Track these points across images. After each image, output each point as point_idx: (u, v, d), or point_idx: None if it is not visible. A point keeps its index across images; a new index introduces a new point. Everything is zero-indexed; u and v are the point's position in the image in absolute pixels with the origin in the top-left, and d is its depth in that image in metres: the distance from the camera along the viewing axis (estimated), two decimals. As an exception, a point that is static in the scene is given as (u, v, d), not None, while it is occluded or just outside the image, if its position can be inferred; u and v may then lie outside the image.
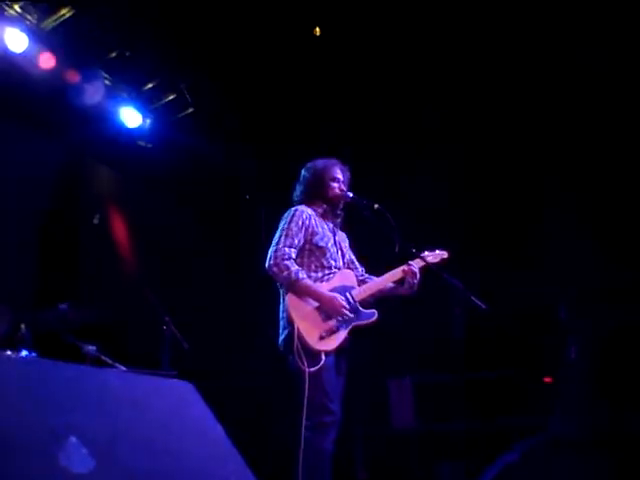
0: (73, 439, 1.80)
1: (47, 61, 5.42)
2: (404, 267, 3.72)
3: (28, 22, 5.29)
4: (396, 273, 3.76)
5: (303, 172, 3.94)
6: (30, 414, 1.88)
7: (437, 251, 3.90)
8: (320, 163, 3.91)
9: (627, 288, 4.81)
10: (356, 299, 3.67)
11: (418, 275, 3.71)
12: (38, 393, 1.93)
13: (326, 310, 3.54)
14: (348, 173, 3.94)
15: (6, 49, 5.10)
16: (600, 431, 3.72)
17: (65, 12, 5.34)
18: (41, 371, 2.04)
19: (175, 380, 2.37)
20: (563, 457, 3.72)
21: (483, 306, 3.57)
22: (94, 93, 5.77)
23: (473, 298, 3.60)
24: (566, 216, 5.35)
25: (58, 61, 5.46)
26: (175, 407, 2.13)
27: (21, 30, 5.17)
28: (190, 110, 6.24)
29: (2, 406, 1.84)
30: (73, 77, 5.66)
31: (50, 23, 5.39)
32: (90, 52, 5.64)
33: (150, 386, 2.16)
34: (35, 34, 5.29)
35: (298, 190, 3.92)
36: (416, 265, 3.72)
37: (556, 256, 5.18)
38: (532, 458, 3.88)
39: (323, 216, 3.86)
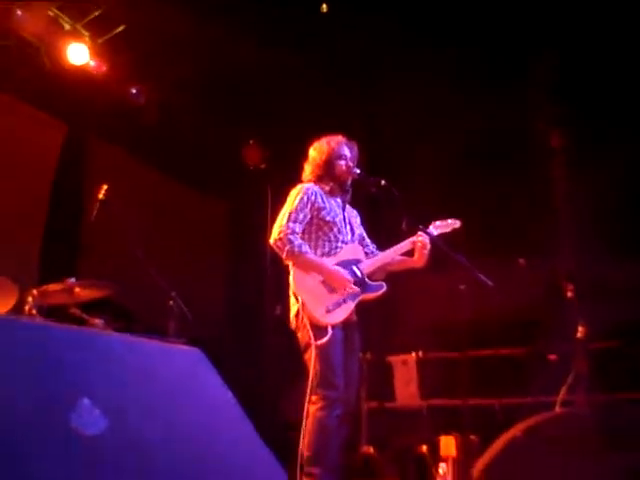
0: (86, 400, 1.83)
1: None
2: (413, 238, 3.73)
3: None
4: (404, 245, 3.77)
5: (310, 151, 3.94)
6: (41, 377, 1.89)
7: (449, 220, 3.90)
8: (327, 141, 3.90)
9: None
10: (363, 272, 3.68)
11: (428, 246, 3.72)
12: (48, 357, 1.94)
13: (330, 283, 3.56)
14: (355, 149, 3.93)
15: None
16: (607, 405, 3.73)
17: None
18: (50, 335, 2.06)
19: (184, 347, 2.38)
20: (566, 433, 3.74)
21: (489, 283, 3.58)
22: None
23: (479, 274, 3.61)
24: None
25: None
26: (185, 373, 2.15)
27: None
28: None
29: (13, 369, 1.86)
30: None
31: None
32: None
33: (159, 353, 2.18)
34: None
35: (307, 170, 3.93)
36: (426, 236, 3.72)
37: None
38: (536, 434, 3.91)
39: (331, 193, 3.86)
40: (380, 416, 5.32)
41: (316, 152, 3.91)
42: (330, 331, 3.47)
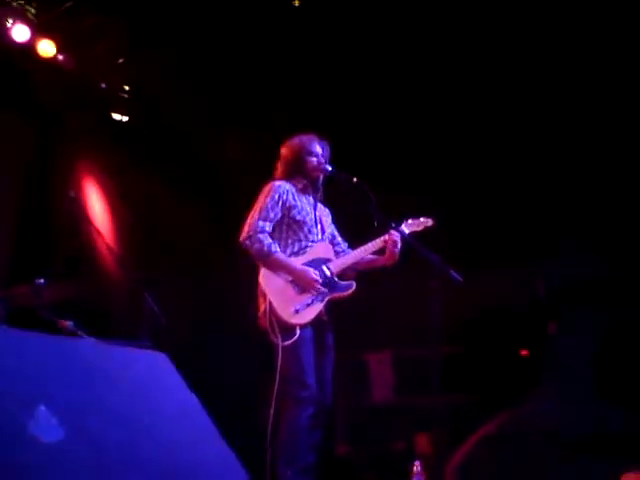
0: (42, 408, 1.79)
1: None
2: (385, 236, 3.72)
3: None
4: (375, 244, 3.75)
5: (282, 149, 3.92)
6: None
7: (421, 218, 3.89)
8: (298, 139, 3.89)
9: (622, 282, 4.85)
10: (333, 271, 3.67)
11: (399, 244, 3.71)
12: (8, 362, 1.91)
13: (298, 283, 3.53)
14: (328, 148, 3.91)
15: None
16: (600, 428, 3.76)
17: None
18: (11, 340, 2.02)
19: (149, 351, 2.35)
20: (538, 430, 3.77)
21: (459, 279, 3.59)
22: None
23: (449, 271, 3.62)
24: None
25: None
26: (148, 378, 2.12)
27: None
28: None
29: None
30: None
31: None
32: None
33: (123, 357, 2.15)
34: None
35: (279, 168, 3.91)
36: (397, 234, 3.72)
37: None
38: (508, 431, 3.93)
39: (303, 190, 3.85)
40: (356, 415, 5.33)
41: (287, 149, 3.90)
42: (298, 331, 3.46)
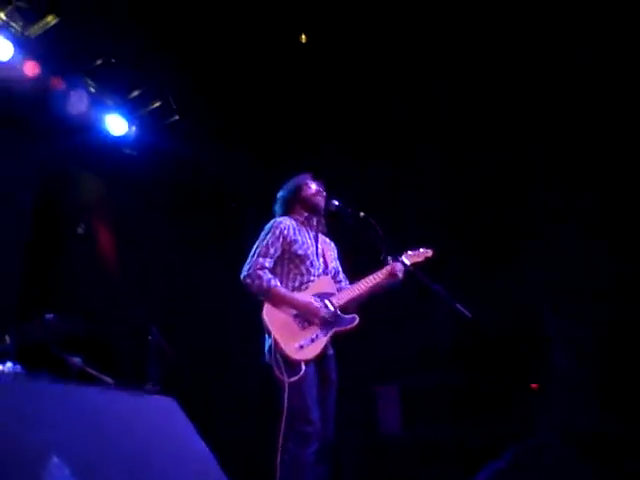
0: (55, 459, 1.80)
1: (32, 69, 5.41)
2: (386, 268, 3.74)
3: (13, 30, 5.28)
4: (377, 277, 3.76)
5: (279, 193, 3.97)
6: (14, 432, 1.87)
7: (421, 249, 3.91)
8: (293, 179, 3.98)
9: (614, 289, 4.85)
10: (336, 305, 3.67)
11: (401, 275, 3.73)
12: (23, 411, 1.93)
13: (303, 316, 3.56)
14: (323, 186, 3.96)
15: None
16: (584, 436, 3.77)
17: (51, 20, 5.32)
18: (26, 389, 2.04)
19: (158, 396, 2.36)
20: (548, 463, 3.75)
21: (468, 314, 3.59)
22: (79, 101, 5.76)
23: (458, 306, 3.62)
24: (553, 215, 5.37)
25: (43, 69, 5.46)
26: (158, 425, 2.14)
27: (6, 37, 5.17)
28: (175, 117, 6.22)
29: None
30: (58, 85, 5.65)
31: (36, 31, 5.38)
32: (75, 59, 5.63)
33: (134, 404, 2.17)
34: (20, 42, 5.28)
35: (277, 209, 3.96)
36: (400, 266, 3.74)
37: (541, 257, 5.20)
38: (519, 464, 3.91)
39: (304, 224, 3.87)
40: (364, 447, 5.30)
41: (283, 190, 3.98)
42: (303, 367, 3.46)
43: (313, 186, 3.88)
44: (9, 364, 4.06)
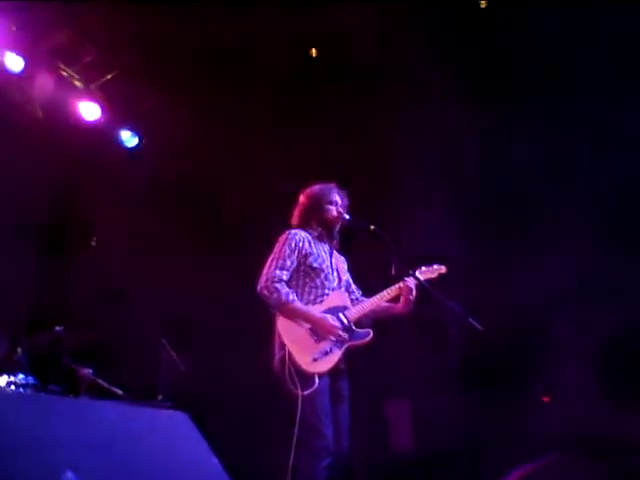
0: (70, 474, 1.80)
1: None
2: (400, 284, 3.72)
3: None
4: (391, 291, 3.73)
5: (300, 197, 3.95)
6: (27, 450, 1.87)
7: (435, 266, 3.88)
8: (317, 187, 3.92)
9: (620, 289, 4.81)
10: (350, 319, 3.65)
11: (414, 292, 3.70)
12: (35, 429, 1.92)
13: (317, 331, 3.54)
14: (346, 199, 3.94)
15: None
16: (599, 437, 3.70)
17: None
18: (38, 407, 2.03)
19: (170, 411, 2.36)
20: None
21: (480, 328, 3.57)
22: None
23: (470, 320, 3.60)
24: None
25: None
26: (170, 440, 2.13)
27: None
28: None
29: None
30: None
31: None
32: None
33: (146, 419, 2.16)
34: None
35: (295, 215, 3.93)
36: (412, 281, 3.72)
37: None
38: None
39: (319, 239, 3.86)
40: (375, 464, 5.25)
41: (306, 197, 3.92)
42: (317, 380, 3.44)
43: (334, 211, 3.84)
44: (21, 375, 4.10)
